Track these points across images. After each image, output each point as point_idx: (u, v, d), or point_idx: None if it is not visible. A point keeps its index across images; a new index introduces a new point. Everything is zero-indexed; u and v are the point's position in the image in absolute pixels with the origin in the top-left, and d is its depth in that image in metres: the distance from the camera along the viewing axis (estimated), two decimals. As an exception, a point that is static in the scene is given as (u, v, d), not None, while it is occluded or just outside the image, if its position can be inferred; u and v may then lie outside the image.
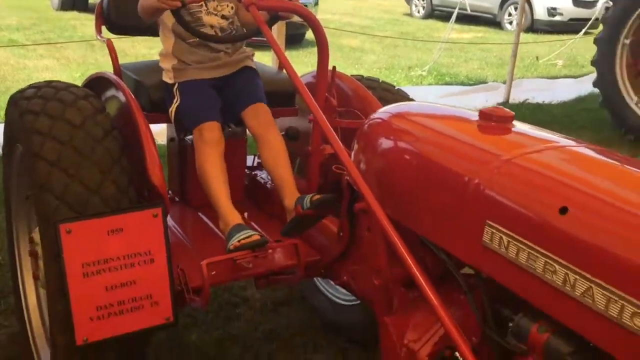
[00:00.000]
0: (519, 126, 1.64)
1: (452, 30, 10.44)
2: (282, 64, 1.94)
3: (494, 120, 1.61)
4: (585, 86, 8.06)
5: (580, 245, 1.20)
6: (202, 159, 2.18)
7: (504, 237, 1.34)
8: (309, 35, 10.80)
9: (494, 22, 15.28)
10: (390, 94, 2.61)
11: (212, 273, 1.94)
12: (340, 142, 1.81)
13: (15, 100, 2.06)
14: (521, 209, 1.32)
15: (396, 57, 10.51)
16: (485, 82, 8.57)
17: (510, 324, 1.39)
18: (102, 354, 1.83)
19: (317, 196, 2.09)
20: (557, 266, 1.23)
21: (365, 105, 2.40)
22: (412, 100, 2.54)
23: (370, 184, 1.73)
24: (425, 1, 17.04)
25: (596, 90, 6.68)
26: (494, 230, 1.36)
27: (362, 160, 1.86)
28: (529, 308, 1.34)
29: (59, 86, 2.08)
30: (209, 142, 2.16)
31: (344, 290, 2.89)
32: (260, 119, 2.33)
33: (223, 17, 2.32)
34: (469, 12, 12.04)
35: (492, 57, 10.81)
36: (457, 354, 1.53)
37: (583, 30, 10.29)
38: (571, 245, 1.21)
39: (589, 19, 11.23)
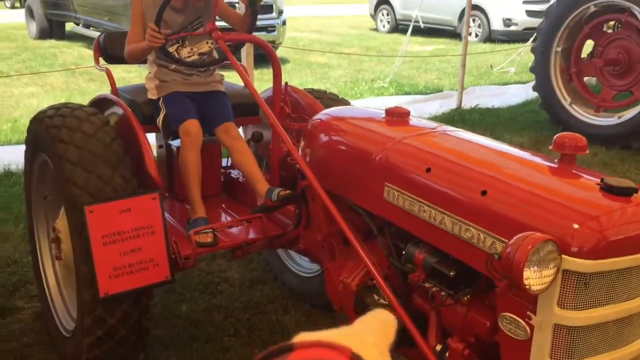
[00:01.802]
0: (413, 120, 2.29)
1: (414, 43, 11.19)
2: (245, 82, 2.59)
3: (395, 116, 2.27)
4: (532, 91, 8.81)
5: (437, 192, 1.86)
6: (185, 155, 2.78)
7: (395, 192, 1.99)
8: (277, 53, 11.46)
9: (455, 34, 16.12)
10: (334, 101, 3.26)
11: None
12: (289, 139, 2.45)
13: (40, 119, 2.66)
14: (404, 172, 1.98)
15: (361, 71, 11.22)
16: (441, 91, 9.30)
17: (403, 252, 2.03)
18: (119, 304, 2.42)
19: (284, 192, 2.67)
20: (426, 207, 1.88)
21: (313, 111, 3.04)
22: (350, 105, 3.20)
23: (314, 168, 2.38)
24: (390, 16, 17.87)
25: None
26: (390, 188, 2.01)
27: (307, 152, 2.50)
28: (414, 239, 1.98)
29: (73, 106, 2.69)
30: (192, 134, 2.75)
31: (306, 265, 3.53)
32: (229, 134, 2.93)
33: (200, 54, 2.93)
34: (421, 25, 12.80)
35: (451, 68, 11.56)
36: (374, 281, 2.18)
37: (531, 39, 11.09)
38: (433, 192, 1.87)
39: (539, 29, 12.04)
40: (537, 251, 1.44)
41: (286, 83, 2.96)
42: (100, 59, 3.38)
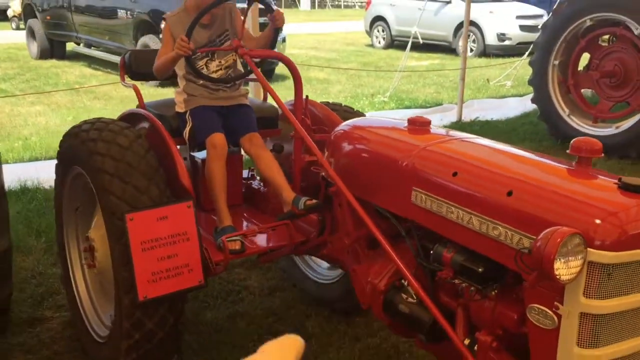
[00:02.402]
0: (434, 128, 2.43)
1: (410, 59, 11.42)
2: (271, 95, 2.73)
3: (417, 125, 2.41)
4: (530, 103, 9.00)
5: (465, 194, 1.99)
6: (211, 166, 2.91)
7: (423, 195, 2.13)
8: (278, 70, 11.65)
9: (449, 49, 16.39)
10: (350, 114, 3.40)
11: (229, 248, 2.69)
12: (317, 148, 2.59)
13: (75, 133, 2.79)
14: (431, 177, 2.11)
15: (360, 86, 11.41)
16: (441, 105, 9.48)
17: (431, 252, 2.15)
18: (157, 308, 2.53)
19: (310, 202, 2.77)
20: (453, 208, 2.01)
21: (331, 123, 3.18)
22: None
23: (339, 175, 2.51)
24: (385, 32, 18.15)
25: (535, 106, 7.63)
26: (418, 192, 2.15)
27: (332, 161, 2.64)
28: (441, 239, 2.11)
29: (107, 121, 2.82)
30: (218, 147, 2.88)
31: (324, 272, 3.65)
32: (254, 144, 3.06)
33: (227, 67, 3.07)
34: (420, 41, 13.07)
35: (448, 82, 11.78)
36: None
37: (526, 53, 11.32)
38: (460, 194, 2.00)
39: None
40: (566, 244, 1.57)
41: (307, 96, 3.10)
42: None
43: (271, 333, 3.31)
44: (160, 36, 10.56)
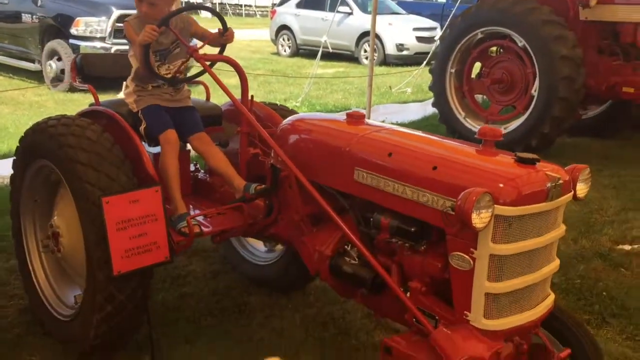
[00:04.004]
0: (367, 120, 2.93)
1: (317, 67, 12.03)
2: (229, 95, 3.13)
3: (354, 118, 2.89)
4: (429, 108, 9.84)
5: (399, 170, 2.49)
6: (165, 160, 3.22)
7: (364, 173, 2.61)
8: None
9: (352, 58, 17.23)
10: (286, 112, 3.85)
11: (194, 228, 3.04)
12: (270, 137, 3.01)
13: (42, 129, 3.03)
14: (370, 158, 2.60)
15: (272, 92, 11.85)
16: (349, 109, 10.13)
17: (371, 220, 2.64)
18: (128, 281, 2.84)
19: (259, 187, 3.17)
20: (390, 182, 2.51)
21: (272, 119, 3.60)
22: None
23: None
24: (290, 41, 18.74)
25: (435, 109, 8.42)
26: (359, 171, 2.63)
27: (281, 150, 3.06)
28: (379, 208, 2.60)
29: (72, 117, 3.09)
30: (172, 142, 3.20)
31: (262, 255, 4.06)
32: (204, 142, 3.41)
33: (174, 72, 3.40)
34: (330, 50, 13.75)
35: (354, 88, 12.49)
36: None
37: (424, 63, 12.29)
38: (395, 171, 2.50)
39: (429, 53, 13.33)
40: (479, 200, 2.09)
41: (252, 96, 3.51)
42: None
43: (219, 309, 3.68)
44: (70, 41, 10.66)
